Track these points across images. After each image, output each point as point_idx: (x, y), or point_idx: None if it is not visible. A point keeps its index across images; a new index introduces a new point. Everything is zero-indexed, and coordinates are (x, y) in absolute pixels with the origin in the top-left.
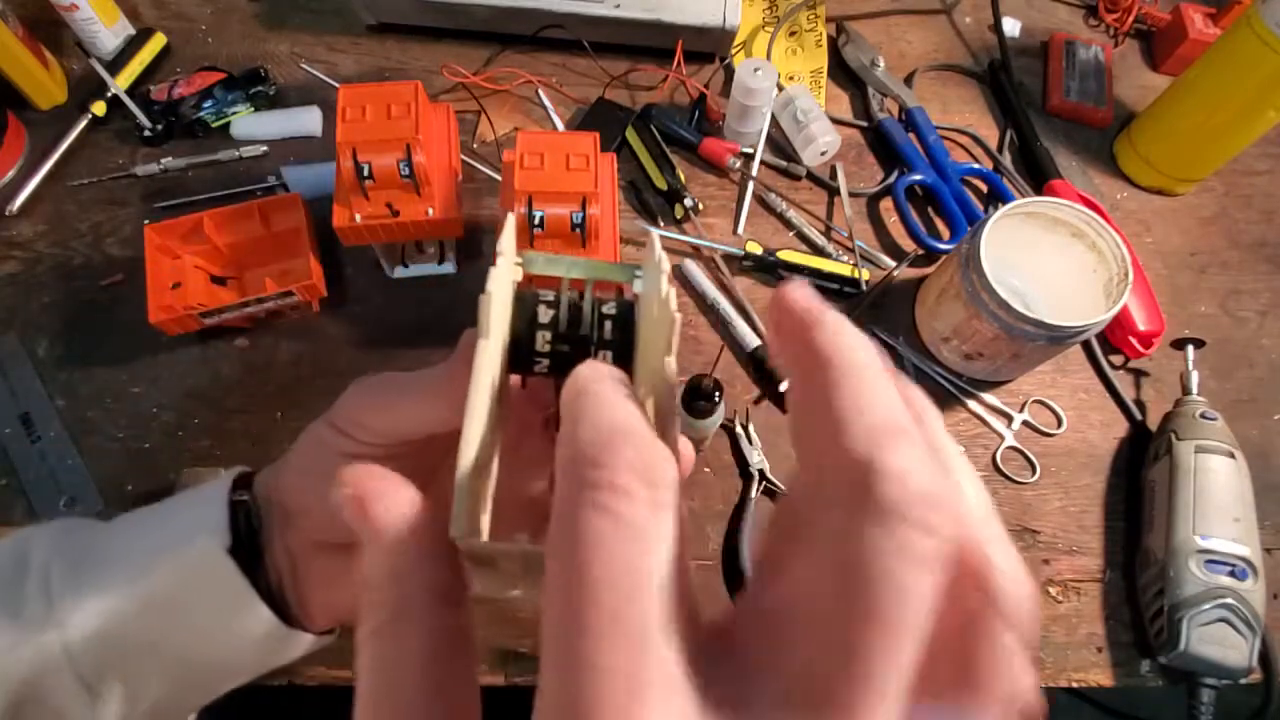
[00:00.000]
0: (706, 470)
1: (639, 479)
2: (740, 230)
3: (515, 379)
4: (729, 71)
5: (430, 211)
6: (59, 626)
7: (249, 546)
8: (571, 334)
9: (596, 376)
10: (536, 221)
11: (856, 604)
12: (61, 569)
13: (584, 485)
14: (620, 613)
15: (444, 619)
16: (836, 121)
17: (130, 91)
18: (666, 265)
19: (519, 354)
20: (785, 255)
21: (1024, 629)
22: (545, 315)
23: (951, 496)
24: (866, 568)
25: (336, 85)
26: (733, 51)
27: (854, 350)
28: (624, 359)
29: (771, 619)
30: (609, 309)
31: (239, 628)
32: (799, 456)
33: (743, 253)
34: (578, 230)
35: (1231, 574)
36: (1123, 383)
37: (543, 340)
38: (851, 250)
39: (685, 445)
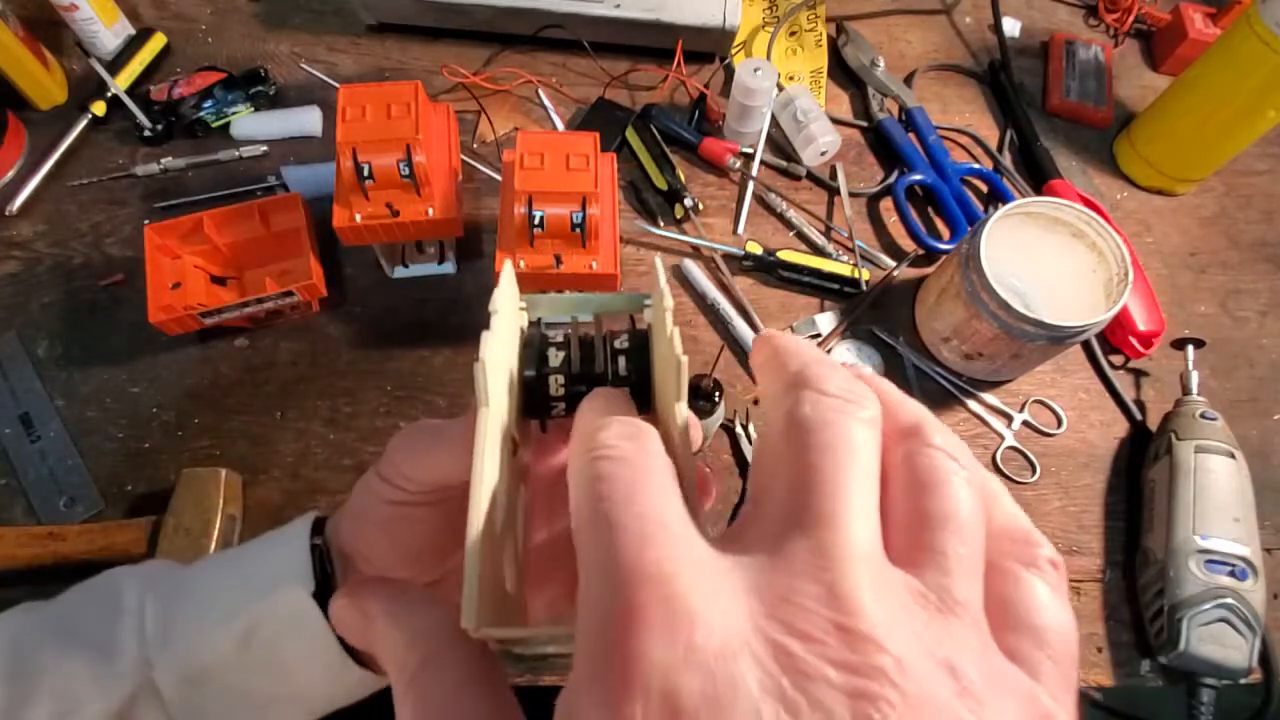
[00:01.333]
0: (706, 470)
1: (623, 438)
2: (740, 230)
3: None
4: (729, 71)
5: (430, 211)
6: (152, 669)
7: (325, 590)
8: (585, 373)
9: (596, 397)
10: (536, 221)
11: (803, 443)
12: (154, 613)
13: (586, 451)
14: (628, 498)
15: (471, 652)
16: (836, 121)
17: (130, 91)
18: (669, 300)
19: (533, 400)
20: (785, 255)
21: (963, 460)
22: (556, 358)
23: (864, 386)
24: (804, 420)
25: (336, 85)
26: (733, 51)
27: (796, 339)
28: (642, 392)
29: (750, 500)
30: (621, 343)
31: (319, 669)
32: (763, 407)
33: (743, 253)
34: (578, 230)
35: (1231, 574)
36: (1123, 383)
37: (556, 385)
38: (851, 250)
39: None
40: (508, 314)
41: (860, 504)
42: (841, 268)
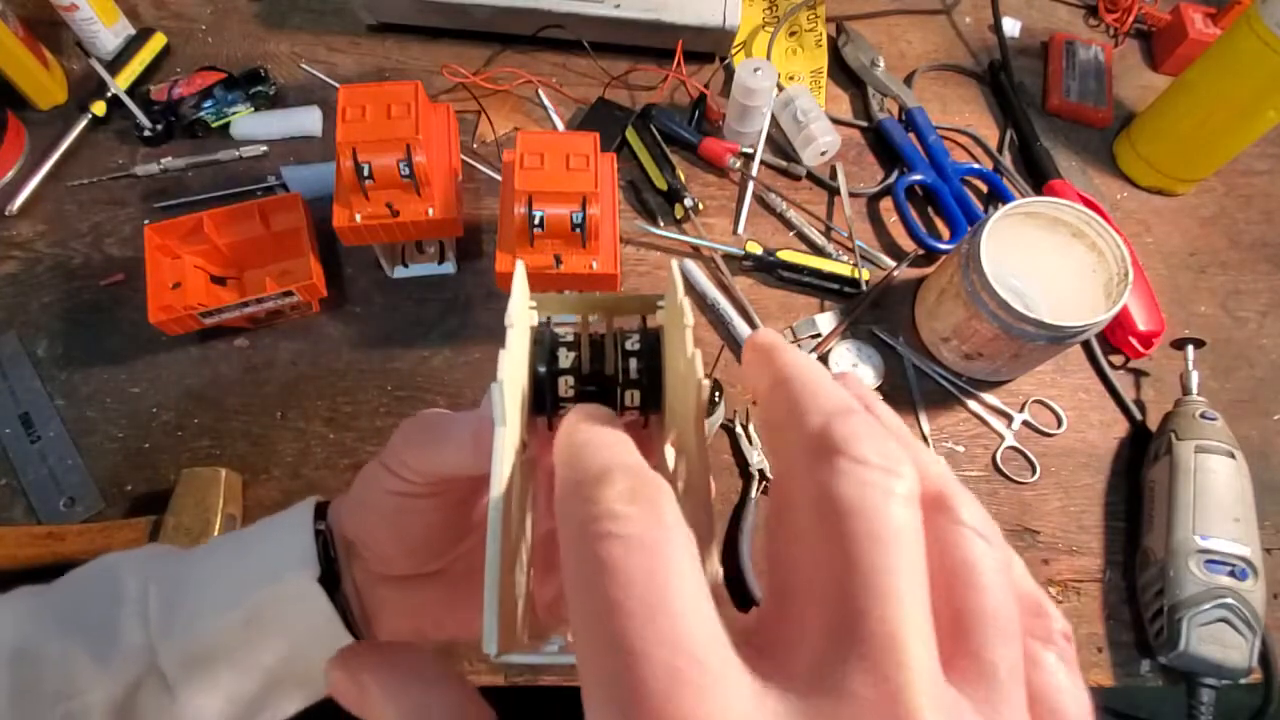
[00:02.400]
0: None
1: (632, 501)
2: (740, 230)
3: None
4: (729, 71)
5: (430, 211)
6: (157, 655)
7: (329, 575)
8: (595, 374)
9: (577, 420)
10: (536, 221)
11: (843, 532)
12: (157, 599)
13: (583, 521)
14: (650, 612)
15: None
16: (836, 121)
17: (130, 91)
18: (690, 318)
19: (542, 400)
20: (785, 255)
21: (993, 539)
22: (566, 359)
23: (900, 448)
24: (843, 502)
25: (336, 85)
26: (733, 51)
27: (805, 364)
28: (652, 396)
29: (784, 595)
30: (632, 344)
31: (324, 653)
32: (772, 460)
33: (743, 253)
34: (578, 230)
35: (1231, 574)
36: (1123, 383)
37: (565, 386)
38: (851, 250)
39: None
40: (522, 325)
41: (918, 616)
42: (841, 268)
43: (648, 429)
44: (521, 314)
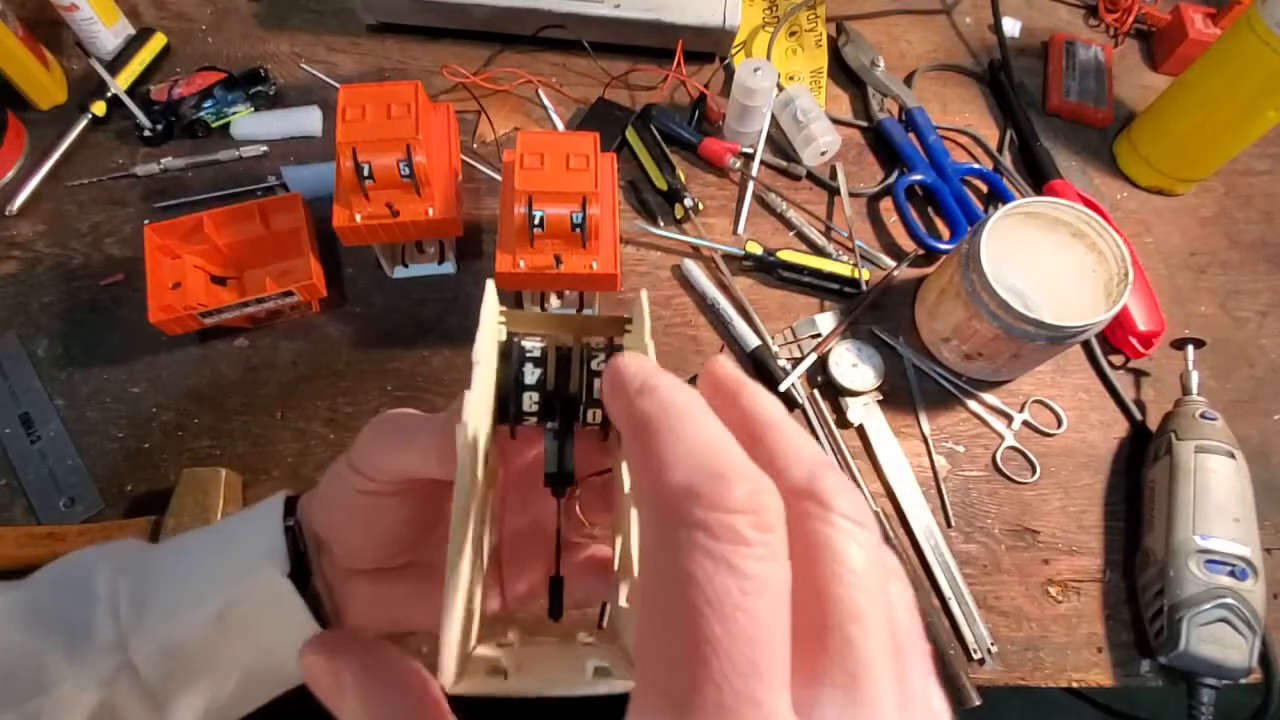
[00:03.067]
0: None
1: (754, 522)
2: (740, 230)
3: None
4: (729, 71)
5: (430, 211)
6: (129, 650)
7: (298, 569)
8: (559, 390)
9: (674, 386)
10: (536, 221)
11: (837, 575)
12: (128, 596)
13: (689, 524)
14: (752, 668)
15: None
16: (836, 121)
17: (130, 91)
18: (651, 347)
19: (506, 410)
20: (785, 255)
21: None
22: (532, 375)
23: (861, 498)
24: (832, 553)
25: (336, 85)
26: (733, 51)
27: (779, 410)
28: None
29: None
30: (598, 364)
31: (295, 645)
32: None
33: (743, 253)
34: (578, 230)
35: (1231, 574)
36: (1123, 383)
37: (530, 401)
38: (851, 250)
39: None
40: (489, 363)
41: (916, 636)
42: (841, 268)
43: (607, 442)
44: (489, 351)
